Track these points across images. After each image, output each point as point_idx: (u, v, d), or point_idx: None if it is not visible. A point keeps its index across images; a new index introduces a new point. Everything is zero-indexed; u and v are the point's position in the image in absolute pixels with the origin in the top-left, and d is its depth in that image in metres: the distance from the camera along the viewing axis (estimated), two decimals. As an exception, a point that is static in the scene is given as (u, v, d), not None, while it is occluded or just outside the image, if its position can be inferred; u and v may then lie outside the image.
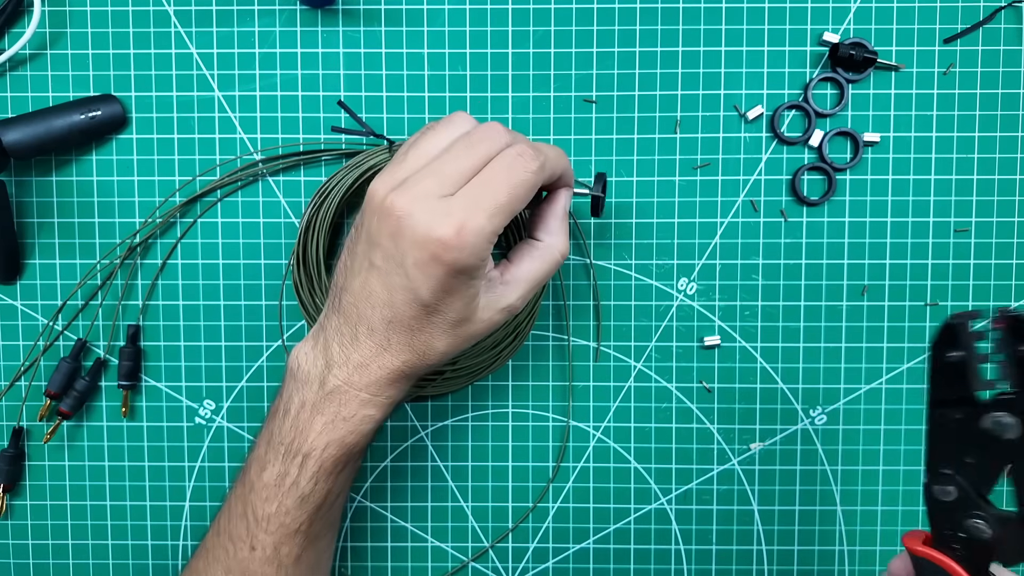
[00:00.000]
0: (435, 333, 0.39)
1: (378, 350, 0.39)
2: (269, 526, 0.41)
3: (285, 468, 0.40)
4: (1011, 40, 0.49)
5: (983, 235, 0.50)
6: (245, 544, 0.41)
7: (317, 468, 0.40)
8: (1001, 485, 0.35)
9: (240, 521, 0.42)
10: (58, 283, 0.51)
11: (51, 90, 0.50)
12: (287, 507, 0.40)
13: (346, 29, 0.50)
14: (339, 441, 0.40)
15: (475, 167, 0.38)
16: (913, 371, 0.51)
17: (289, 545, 0.41)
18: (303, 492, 0.40)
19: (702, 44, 0.49)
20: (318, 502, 0.41)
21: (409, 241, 0.36)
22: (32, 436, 0.52)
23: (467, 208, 0.36)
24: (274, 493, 0.41)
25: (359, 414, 0.40)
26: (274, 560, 0.41)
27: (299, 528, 0.41)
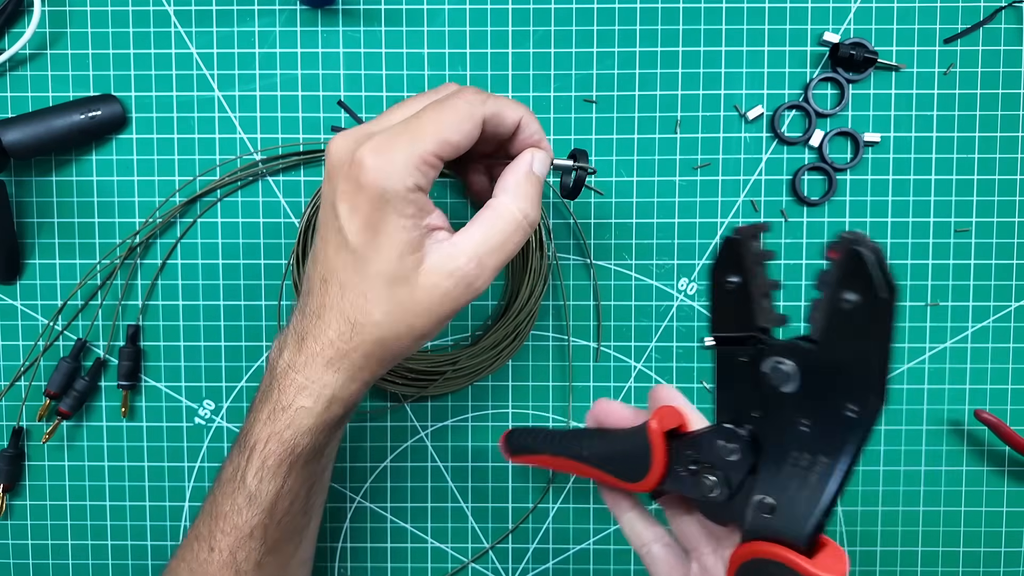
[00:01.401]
0: (368, 293, 0.35)
1: (313, 317, 0.37)
2: (225, 525, 0.39)
3: (237, 461, 0.38)
4: (1011, 40, 0.49)
5: (983, 235, 0.50)
6: (206, 544, 0.39)
7: (260, 464, 0.38)
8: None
9: (205, 519, 0.40)
10: (58, 283, 0.51)
11: (51, 90, 0.50)
12: (238, 505, 0.38)
13: (346, 29, 0.50)
14: (278, 436, 0.37)
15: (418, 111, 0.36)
16: (914, 371, 0.51)
17: (245, 550, 0.39)
18: (250, 490, 0.38)
19: (702, 44, 0.49)
20: (266, 504, 0.38)
21: (334, 172, 0.35)
22: (32, 436, 0.52)
23: (392, 133, 0.35)
24: (229, 489, 0.39)
25: (294, 404, 0.37)
26: (231, 565, 0.39)
27: (252, 532, 0.39)
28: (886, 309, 0.26)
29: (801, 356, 0.29)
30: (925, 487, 0.51)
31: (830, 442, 0.28)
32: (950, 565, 0.52)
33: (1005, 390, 0.51)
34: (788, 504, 0.29)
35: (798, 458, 0.29)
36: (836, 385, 0.27)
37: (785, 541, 0.29)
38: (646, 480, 0.34)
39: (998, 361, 0.51)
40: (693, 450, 0.33)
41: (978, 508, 0.51)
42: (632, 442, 0.35)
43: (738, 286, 0.30)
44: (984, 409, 0.50)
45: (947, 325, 0.50)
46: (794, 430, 0.29)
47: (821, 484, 0.28)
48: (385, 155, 0.34)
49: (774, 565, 0.29)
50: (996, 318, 0.50)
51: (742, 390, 0.31)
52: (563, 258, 0.51)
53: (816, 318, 0.28)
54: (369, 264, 0.35)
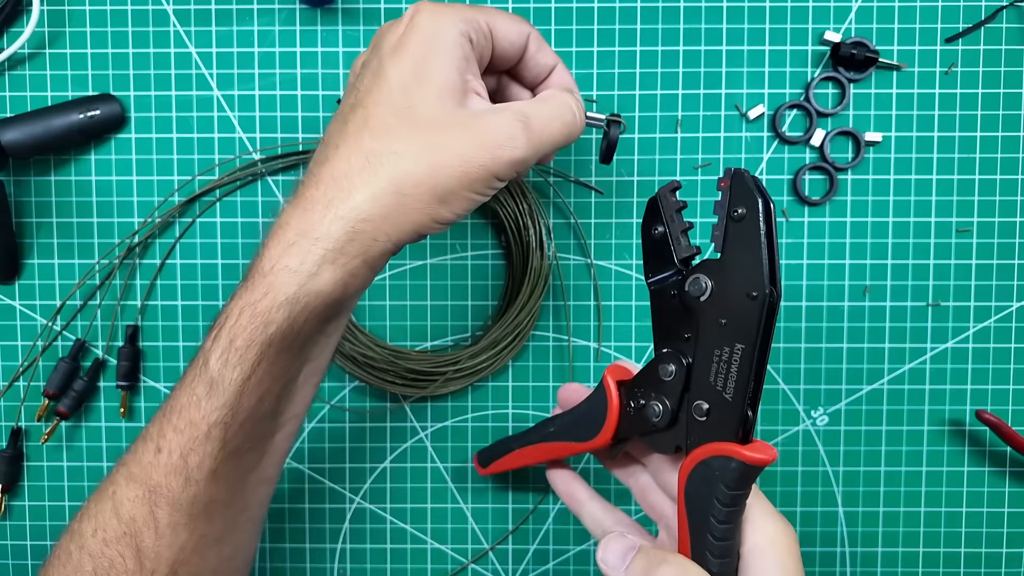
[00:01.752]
0: (394, 126, 0.33)
1: (325, 149, 0.34)
2: (179, 421, 0.34)
3: (206, 344, 0.33)
4: (1013, 39, 0.49)
5: (985, 235, 0.50)
6: (152, 443, 0.34)
7: (227, 343, 0.33)
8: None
9: (156, 417, 0.35)
10: (56, 283, 0.50)
11: (50, 89, 0.49)
12: (197, 396, 0.33)
13: (345, 28, 0.49)
14: (252, 307, 0.32)
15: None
16: (915, 372, 0.51)
17: (199, 454, 0.33)
18: (212, 375, 0.33)
19: (703, 43, 0.49)
20: (229, 396, 0.33)
21: (382, 32, 0.36)
22: (31, 436, 0.52)
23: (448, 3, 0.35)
24: (189, 377, 0.34)
25: (277, 265, 0.32)
26: (181, 470, 0.34)
27: (209, 432, 0.33)
28: (767, 213, 0.32)
29: (711, 268, 0.33)
30: (926, 488, 0.51)
31: (741, 328, 0.32)
32: (951, 566, 0.52)
33: (1007, 390, 0.51)
34: (719, 403, 0.33)
35: (720, 354, 0.33)
36: (738, 281, 0.32)
37: (720, 436, 0.33)
38: (604, 429, 0.38)
39: (999, 361, 0.50)
40: (638, 386, 0.37)
41: (979, 509, 0.51)
42: (591, 402, 0.39)
43: (661, 234, 0.36)
44: (985, 409, 0.50)
45: (948, 325, 0.50)
46: (713, 329, 0.33)
47: (741, 371, 0.32)
48: (440, 6, 0.34)
49: (715, 461, 0.33)
50: (998, 318, 0.50)
51: (674, 319, 0.35)
52: (563, 258, 0.51)
53: (717, 236, 0.33)
54: (404, 97, 0.33)
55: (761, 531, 0.34)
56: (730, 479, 0.33)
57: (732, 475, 0.33)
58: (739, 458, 0.32)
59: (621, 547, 0.36)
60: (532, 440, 0.43)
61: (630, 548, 0.36)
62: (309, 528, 0.52)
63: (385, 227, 0.33)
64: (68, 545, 0.36)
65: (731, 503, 0.33)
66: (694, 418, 0.34)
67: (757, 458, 0.32)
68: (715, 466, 0.33)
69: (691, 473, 0.34)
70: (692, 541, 0.34)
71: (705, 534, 0.34)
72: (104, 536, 0.35)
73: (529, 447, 0.43)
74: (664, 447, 0.36)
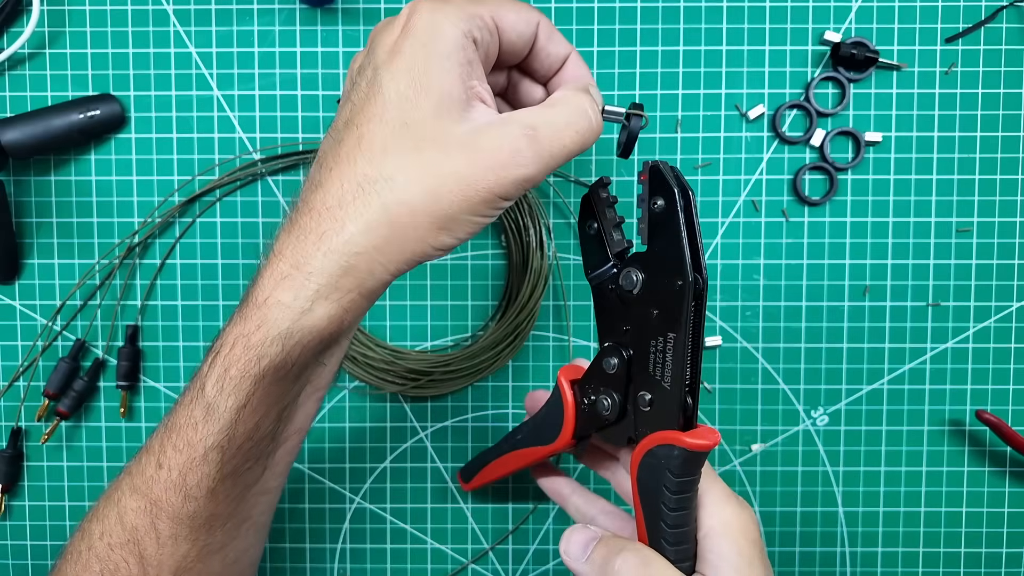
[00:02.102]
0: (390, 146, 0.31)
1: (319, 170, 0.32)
2: (178, 440, 0.33)
3: (203, 368, 0.33)
4: (1013, 39, 0.49)
5: (985, 235, 0.50)
6: (154, 458, 0.34)
7: (222, 371, 0.32)
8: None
9: (158, 431, 0.35)
10: (56, 283, 0.50)
11: (50, 89, 0.49)
12: (194, 419, 0.33)
13: (345, 28, 0.49)
14: (245, 339, 0.32)
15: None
16: (915, 372, 0.51)
17: (196, 474, 0.33)
18: (208, 399, 0.32)
19: (703, 43, 0.49)
20: (225, 422, 0.33)
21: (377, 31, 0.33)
22: (31, 437, 0.52)
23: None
24: (187, 398, 0.34)
25: (271, 298, 0.31)
26: (180, 487, 0.34)
27: (206, 454, 0.33)
28: (685, 201, 0.32)
29: (640, 261, 0.34)
30: (926, 488, 0.51)
31: (671, 317, 0.33)
32: (952, 566, 0.52)
33: (1007, 390, 0.51)
34: (659, 392, 0.34)
35: (655, 344, 0.34)
36: (665, 271, 0.33)
37: (664, 425, 0.34)
38: (563, 429, 0.38)
39: (1000, 361, 0.50)
40: (588, 383, 0.37)
41: (980, 509, 0.51)
42: (550, 405, 0.40)
43: (595, 230, 0.36)
44: (985, 409, 0.50)
45: (948, 325, 0.50)
46: (647, 322, 0.34)
47: (676, 360, 0.33)
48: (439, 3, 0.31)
49: (659, 449, 0.34)
50: (998, 318, 0.50)
51: (614, 312, 0.36)
52: (563, 258, 0.51)
53: (642, 228, 0.34)
54: (399, 113, 0.31)
55: (716, 515, 0.35)
56: (675, 466, 0.33)
57: (676, 462, 0.33)
58: (681, 445, 0.33)
59: (583, 538, 0.36)
60: (504, 450, 0.43)
61: (592, 538, 0.36)
62: (309, 528, 0.52)
63: (381, 259, 0.31)
64: (79, 544, 0.36)
65: (679, 490, 0.34)
66: (639, 409, 0.35)
67: (698, 444, 0.33)
68: (660, 454, 0.34)
69: (640, 463, 0.34)
70: (648, 529, 0.35)
71: (658, 522, 0.34)
72: (110, 541, 0.35)
73: (503, 456, 0.44)
74: (618, 440, 0.37)
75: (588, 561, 0.35)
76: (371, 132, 0.31)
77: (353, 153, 0.31)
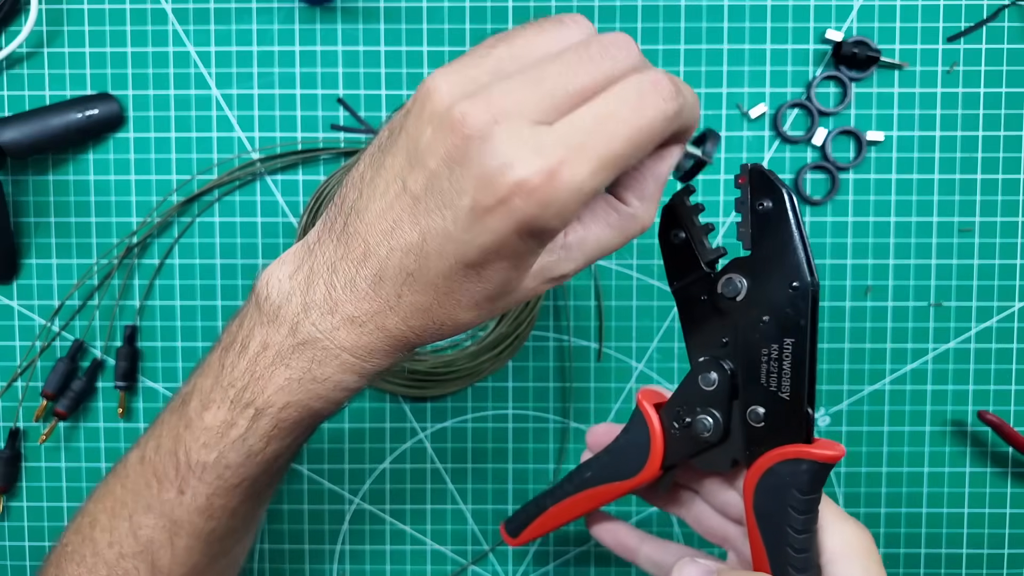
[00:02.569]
0: (464, 302, 0.29)
1: (382, 307, 0.29)
2: (205, 475, 0.33)
3: (232, 417, 0.32)
4: (1015, 38, 0.49)
5: (987, 235, 0.50)
6: (173, 486, 0.34)
7: (271, 427, 0.32)
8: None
9: (169, 458, 0.34)
10: (55, 283, 0.50)
11: (48, 89, 0.49)
12: (229, 461, 0.33)
13: (345, 27, 0.49)
14: (301, 404, 0.32)
15: (590, 88, 0.27)
16: (917, 372, 0.50)
17: (225, 498, 0.34)
18: (251, 449, 0.33)
19: (704, 42, 0.49)
20: (267, 461, 0.33)
21: (474, 175, 0.26)
22: (29, 437, 0.51)
23: (569, 147, 0.26)
24: (215, 441, 0.33)
25: (334, 379, 0.31)
26: (205, 510, 0.34)
27: (240, 483, 0.34)
28: (792, 203, 0.31)
29: (743, 266, 0.32)
30: (928, 489, 0.51)
31: (788, 322, 0.31)
32: (953, 567, 0.51)
33: (1008, 391, 0.50)
34: (775, 404, 0.32)
35: (768, 353, 0.32)
36: (775, 274, 0.31)
37: (784, 440, 0.31)
38: (651, 458, 0.35)
39: (1002, 362, 0.50)
40: (679, 404, 0.34)
41: (981, 510, 0.51)
42: (628, 434, 0.36)
43: (682, 240, 0.34)
44: (987, 410, 0.50)
45: (950, 325, 0.50)
46: (756, 328, 0.32)
47: (795, 367, 0.31)
48: (557, 189, 0.26)
49: (782, 467, 0.31)
50: (1000, 318, 0.50)
51: (707, 325, 0.34)
52: (564, 258, 0.50)
53: (743, 232, 0.32)
54: (481, 283, 0.29)
55: (838, 535, 0.32)
56: (803, 483, 0.31)
57: (804, 478, 0.31)
58: (810, 458, 0.31)
59: (698, 571, 0.33)
60: (568, 491, 0.38)
61: (708, 572, 0.33)
62: (308, 529, 0.52)
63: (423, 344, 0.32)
64: (81, 548, 0.37)
65: (807, 509, 0.31)
66: (750, 425, 0.32)
67: (828, 455, 0.31)
68: (784, 472, 0.31)
69: (757, 485, 0.32)
70: (771, 558, 0.32)
71: (784, 548, 0.31)
72: (120, 551, 0.36)
73: (566, 500, 0.38)
74: (719, 464, 0.34)
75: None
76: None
77: (398, 302, 0.30)
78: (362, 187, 0.30)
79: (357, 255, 0.29)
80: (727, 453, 0.33)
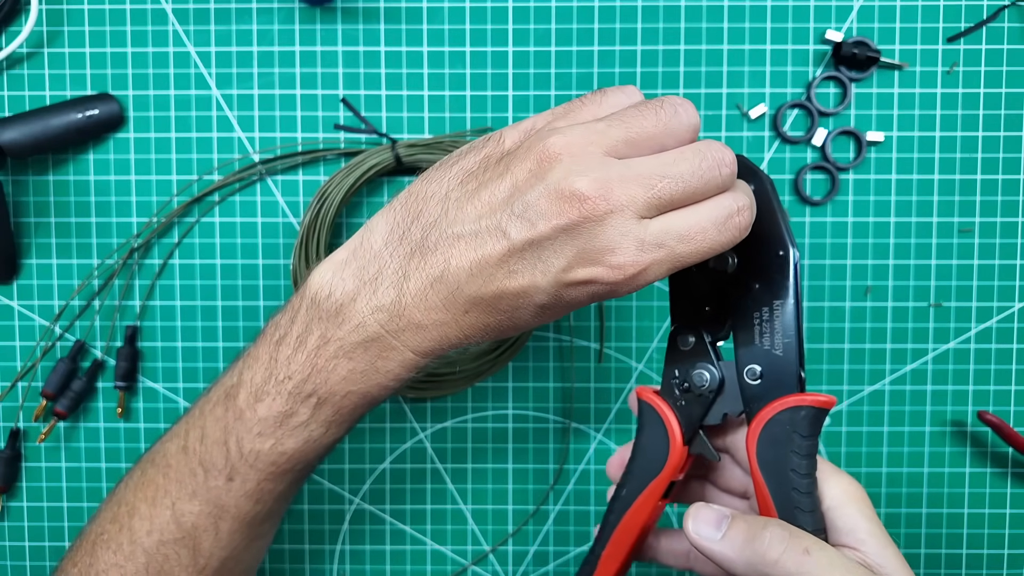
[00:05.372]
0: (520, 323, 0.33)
1: (448, 318, 0.33)
2: (258, 463, 0.36)
3: (292, 407, 0.35)
4: (1015, 39, 0.49)
5: (987, 235, 0.50)
6: (221, 474, 0.36)
7: (334, 414, 0.35)
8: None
9: (217, 448, 0.36)
10: (55, 283, 0.50)
11: (48, 89, 0.49)
12: (287, 448, 0.35)
13: (345, 27, 0.49)
14: (362, 392, 0.35)
15: (692, 199, 0.31)
16: (917, 372, 0.50)
17: (275, 483, 0.36)
18: (311, 435, 0.35)
19: (704, 42, 0.49)
20: (326, 446, 0.36)
21: (579, 249, 0.31)
22: (29, 437, 0.51)
23: (660, 248, 0.31)
24: (272, 430, 0.35)
25: (395, 371, 0.34)
26: (254, 495, 0.36)
27: (293, 468, 0.36)
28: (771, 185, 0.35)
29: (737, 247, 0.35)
30: (928, 489, 0.51)
31: (777, 284, 0.34)
32: (953, 568, 0.51)
33: (1008, 391, 0.50)
34: (770, 360, 0.35)
35: (759, 315, 0.35)
36: (763, 246, 0.35)
37: (781, 392, 0.34)
38: (672, 438, 0.37)
39: (1001, 362, 0.50)
40: (672, 377, 0.37)
41: (981, 510, 0.51)
42: (642, 434, 0.38)
43: None
44: (987, 410, 0.50)
45: (950, 326, 0.50)
46: (747, 295, 0.35)
47: (786, 324, 0.34)
48: (654, 271, 0.31)
49: (782, 415, 0.34)
50: (1000, 319, 0.50)
51: (693, 295, 0.37)
52: (564, 258, 0.50)
53: None
54: (548, 314, 0.33)
55: (836, 486, 0.35)
56: (804, 427, 0.33)
57: (804, 423, 0.33)
58: (808, 404, 0.33)
59: (713, 515, 0.34)
60: (612, 522, 0.38)
61: (722, 516, 0.33)
62: (308, 529, 0.52)
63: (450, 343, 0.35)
64: (118, 536, 0.38)
65: (808, 452, 0.34)
66: (748, 383, 0.35)
67: (823, 400, 0.34)
68: (785, 420, 0.34)
69: (760, 436, 0.34)
70: (777, 504, 0.34)
71: (789, 492, 0.34)
72: (161, 538, 0.37)
73: (615, 534, 0.38)
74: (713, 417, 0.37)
75: (726, 539, 0.33)
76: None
77: (464, 316, 0.33)
78: (447, 207, 0.32)
79: (434, 271, 0.32)
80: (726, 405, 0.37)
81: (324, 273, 0.34)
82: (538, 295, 0.31)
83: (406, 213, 0.33)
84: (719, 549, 0.33)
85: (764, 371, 0.35)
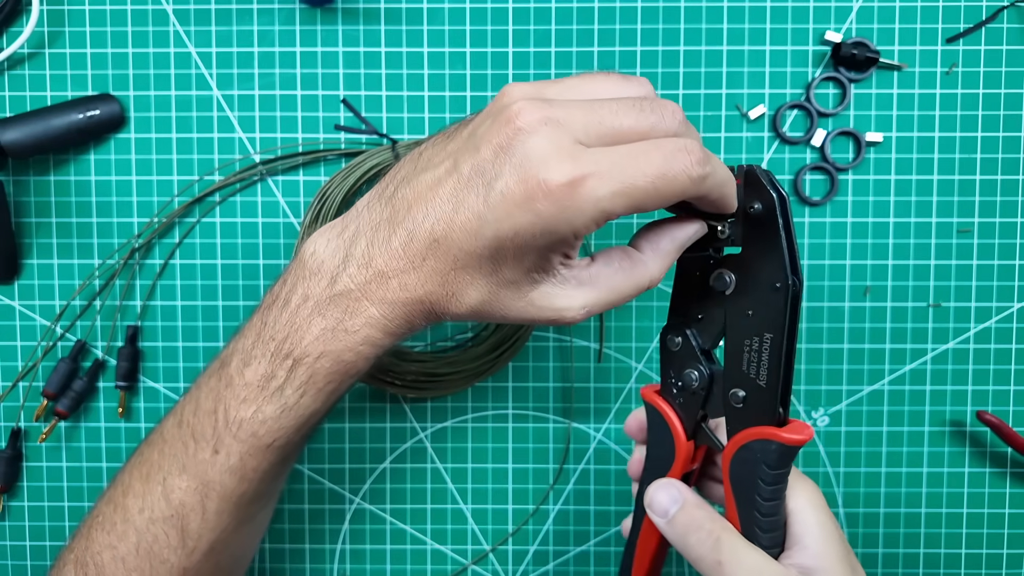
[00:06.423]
0: (475, 281, 0.33)
1: (407, 265, 0.33)
2: (240, 432, 0.36)
3: (271, 370, 0.35)
4: (1014, 39, 0.49)
5: (986, 236, 0.50)
6: (208, 445, 0.36)
7: (307, 378, 0.35)
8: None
9: (207, 418, 0.36)
10: (56, 283, 0.50)
11: (49, 89, 0.49)
12: (265, 415, 0.35)
13: (345, 28, 0.49)
14: (335, 355, 0.34)
15: (631, 133, 0.31)
16: (916, 373, 0.51)
17: (258, 459, 0.36)
18: (287, 402, 0.35)
19: (704, 43, 0.49)
20: (300, 418, 0.36)
21: (513, 163, 0.30)
22: (30, 437, 0.51)
23: (598, 167, 0.30)
24: (254, 395, 0.35)
25: (363, 332, 0.34)
26: (238, 470, 0.36)
27: (273, 443, 0.36)
28: (783, 206, 0.33)
29: (733, 263, 0.35)
30: (927, 489, 0.51)
31: (769, 317, 0.34)
32: (952, 568, 0.51)
33: (1007, 391, 0.50)
34: (753, 389, 0.35)
35: (750, 344, 0.35)
36: (761, 274, 0.34)
37: (758, 421, 0.35)
38: (676, 435, 0.38)
39: (1000, 362, 0.50)
40: (668, 376, 0.38)
41: (980, 510, 0.51)
42: (652, 433, 0.39)
43: None
44: (986, 410, 0.50)
45: (949, 326, 0.50)
46: (741, 321, 0.35)
47: (772, 359, 0.34)
48: (576, 195, 0.30)
49: (755, 444, 0.35)
50: (999, 319, 0.50)
51: (690, 300, 0.37)
52: (563, 258, 0.51)
53: (736, 232, 0.35)
54: (492, 266, 0.32)
55: (799, 494, 0.36)
56: (771, 460, 0.34)
57: (773, 456, 0.34)
58: (778, 440, 0.34)
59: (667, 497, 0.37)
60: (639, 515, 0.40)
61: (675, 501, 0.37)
62: (309, 529, 0.52)
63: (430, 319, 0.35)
64: (112, 516, 0.38)
65: (774, 481, 0.35)
66: (731, 405, 0.36)
67: (795, 439, 0.34)
68: (756, 449, 0.35)
69: (734, 457, 0.35)
70: (741, 518, 0.36)
71: (752, 511, 0.35)
72: (151, 516, 0.37)
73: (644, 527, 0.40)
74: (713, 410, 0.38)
75: (670, 524, 0.36)
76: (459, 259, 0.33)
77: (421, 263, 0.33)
78: (418, 162, 0.34)
79: (400, 215, 0.33)
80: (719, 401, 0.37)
81: (315, 236, 0.35)
82: (483, 228, 0.31)
83: (391, 177, 0.35)
84: (666, 529, 0.36)
85: (747, 397, 0.35)
